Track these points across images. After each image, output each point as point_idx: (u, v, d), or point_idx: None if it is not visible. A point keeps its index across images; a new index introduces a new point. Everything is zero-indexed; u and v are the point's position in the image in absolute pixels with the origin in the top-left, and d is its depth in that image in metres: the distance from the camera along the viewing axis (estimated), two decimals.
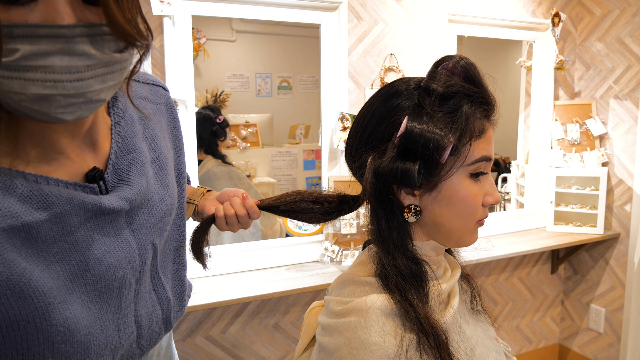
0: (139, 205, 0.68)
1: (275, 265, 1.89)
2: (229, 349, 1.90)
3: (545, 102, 2.48)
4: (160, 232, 0.73)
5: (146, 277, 0.72)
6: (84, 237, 0.59)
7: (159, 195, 0.72)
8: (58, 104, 0.50)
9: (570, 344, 2.67)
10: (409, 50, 2.07)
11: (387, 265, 0.62)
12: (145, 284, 0.72)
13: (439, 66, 0.61)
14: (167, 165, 0.76)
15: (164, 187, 0.74)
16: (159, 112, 0.79)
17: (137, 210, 0.67)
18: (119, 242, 0.64)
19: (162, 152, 0.75)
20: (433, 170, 0.61)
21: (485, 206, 0.65)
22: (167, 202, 0.74)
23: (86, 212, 0.59)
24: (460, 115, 0.59)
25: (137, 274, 0.68)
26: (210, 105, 2.67)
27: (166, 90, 0.84)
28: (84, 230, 0.59)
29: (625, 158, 2.35)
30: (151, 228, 0.70)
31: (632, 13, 2.26)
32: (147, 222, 0.69)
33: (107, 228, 0.63)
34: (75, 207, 0.58)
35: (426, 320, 0.58)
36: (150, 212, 0.70)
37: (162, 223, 0.73)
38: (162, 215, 0.72)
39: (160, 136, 0.77)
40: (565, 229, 2.41)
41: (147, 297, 0.73)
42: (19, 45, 0.46)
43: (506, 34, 2.34)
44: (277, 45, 3.53)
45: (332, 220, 0.74)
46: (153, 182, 0.71)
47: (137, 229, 0.67)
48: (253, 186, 2.56)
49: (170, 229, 0.78)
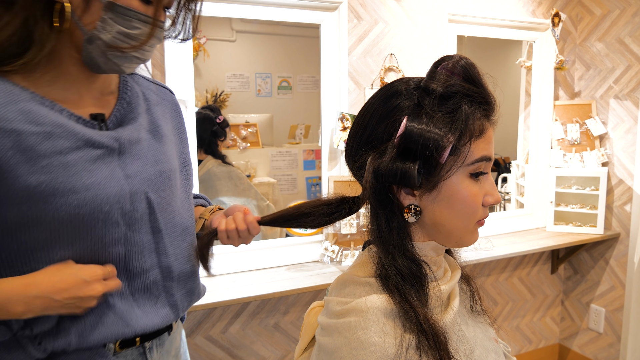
0: (132, 155, 0.78)
1: (275, 265, 1.89)
2: (229, 349, 1.90)
3: (545, 102, 2.48)
4: (156, 189, 0.81)
5: (143, 230, 0.79)
6: (74, 162, 0.70)
7: (154, 157, 0.82)
8: (130, 62, 0.74)
9: (570, 344, 2.67)
10: (409, 50, 2.07)
11: (387, 265, 0.62)
12: (143, 237, 0.79)
13: (438, 66, 0.61)
14: (165, 140, 0.86)
15: (160, 153, 0.84)
16: (162, 105, 0.90)
17: (130, 159, 0.78)
18: (111, 180, 0.73)
19: (161, 128, 0.86)
20: (433, 171, 0.61)
21: (485, 206, 0.65)
22: (164, 166, 0.83)
23: (77, 140, 0.70)
24: (459, 115, 0.59)
25: (127, 218, 0.76)
26: (210, 105, 2.67)
27: (172, 94, 0.97)
28: (75, 156, 0.70)
29: (625, 158, 2.35)
30: (145, 180, 0.79)
31: (632, 13, 2.26)
32: (141, 173, 0.79)
33: (100, 163, 0.73)
34: (64, 131, 0.69)
35: (426, 321, 0.58)
36: (144, 166, 0.79)
37: (157, 182, 0.81)
38: (158, 174, 0.82)
39: (162, 119, 0.88)
40: (565, 229, 2.41)
41: (147, 255, 0.80)
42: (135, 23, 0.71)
43: (506, 34, 2.34)
44: (277, 45, 3.54)
45: (334, 222, 0.73)
46: (148, 143, 0.82)
47: (131, 176, 0.77)
48: (253, 186, 2.56)
49: (180, 210, 0.88)
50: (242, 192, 2.47)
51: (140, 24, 0.71)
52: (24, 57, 0.67)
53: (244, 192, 2.48)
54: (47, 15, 0.67)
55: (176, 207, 0.87)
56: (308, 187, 3.15)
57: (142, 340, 0.82)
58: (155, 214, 0.81)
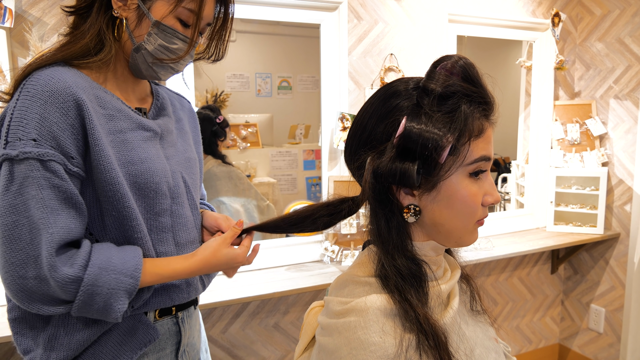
0: (168, 141, 0.94)
1: (275, 265, 1.89)
2: (229, 349, 1.90)
3: (545, 102, 2.48)
4: (188, 172, 0.97)
5: (185, 205, 0.94)
6: (131, 139, 0.85)
7: (182, 146, 0.98)
8: (166, 71, 0.91)
9: (570, 344, 2.67)
10: (409, 50, 2.07)
11: (386, 265, 0.62)
12: (185, 211, 0.94)
13: (437, 66, 0.61)
14: (187, 135, 1.03)
15: (186, 144, 1.00)
16: (182, 111, 1.06)
17: (167, 144, 0.94)
18: (158, 157, 0.88)
19: (184, 126, 1.03)
20: (432, 170, 0.60)
21: (484, 206, 0.65)
22: (190, 154, 1.00)
23: (132, 123, 0.86)
24: (458, 115, 0.59)
25: (171, 192, 0.90)
26: (210, 105, 2.67)
27: (189, 102, 1.13)
28: (132, 135, 0.85)
29: (625, 158, 2.35)
30: (179, 163, 0.95)
31: (632, 13, 2.26)
32: (175, 156, 0.94)
33: (149, 143, 0.88)
34: (123, 115, 0.85)
35: (426, 320, 0.58)
36: (177, 152, 0.95)
37: (187, 165, 0.97)
38: (186, 159, 0.98)
39: (184, 119, 1.05)
40: (565, 229, 2.41)
41: (190, 228, 0.95)
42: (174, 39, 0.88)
43: (506, 34, 2.34)
44: (277, 45, 3.54)
45: (335, 223, 0.73)
46: (177, 135, 0.98)
47: (169, 157, 0.93)
48: (253, 186, 2.56)
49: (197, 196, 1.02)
50: (242, 192, 2.48)
51: (179, 41, 0.87)
52: (99, 56, 0.84)
53: (244, 192, 2.48)
54: (111, 27, 0.87)
55: (198, 193, 1.02)
56: (308, 187, 3.16)
57: (176, 310, 0.94)
58: (191, 192, 0.97)
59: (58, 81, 0.76)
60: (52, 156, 0.74)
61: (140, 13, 0.85)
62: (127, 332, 0.86)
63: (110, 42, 0.85)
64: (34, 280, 0.74)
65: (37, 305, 0.75)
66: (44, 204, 0.73)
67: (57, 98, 0.75)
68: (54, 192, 0.74)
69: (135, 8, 0.85)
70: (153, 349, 0.90)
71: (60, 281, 0.73)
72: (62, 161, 0.75)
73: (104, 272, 0.76)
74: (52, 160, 0.74)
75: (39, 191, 0.73)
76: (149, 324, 0.88)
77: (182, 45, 0.88)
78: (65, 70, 0.79)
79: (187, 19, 0.86)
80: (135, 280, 0.79)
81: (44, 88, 0.75)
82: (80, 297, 0.75)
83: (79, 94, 0.78)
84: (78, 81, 0.79)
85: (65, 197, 0.76)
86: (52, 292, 0.75)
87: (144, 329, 0.87)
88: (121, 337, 0.85)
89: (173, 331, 0.94)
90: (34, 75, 0.77)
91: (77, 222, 0.78)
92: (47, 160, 0.74)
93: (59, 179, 0.75)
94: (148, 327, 0.87)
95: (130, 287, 0.78)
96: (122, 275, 0.77)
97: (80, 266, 0.75)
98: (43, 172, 0.74)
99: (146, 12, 0.85)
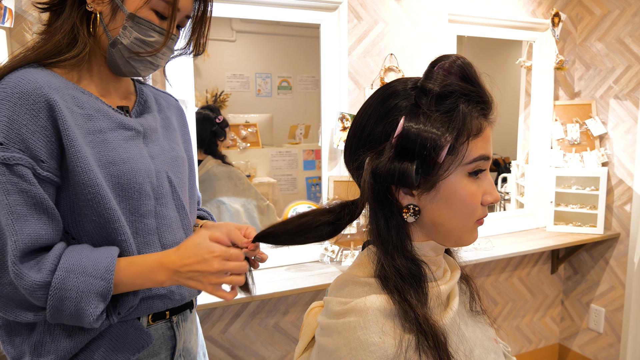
0: (152, 140, 0.91)
1: (275, 265, 1.89)
2: (229, 349, 1.90)
3: (545, 102, 2.48)
4: (174, 171, 0.93)
5: (169, 205, 0.90)
6: (112, 139, 0.82)
7: (168, 145, 0.95)
8: (145, 66, 0.88)
9: (570, 344, 2.67)
10: (409, 50, 2.07)
11: (386, 265, 0.62)
12: (170, 212, 0.90)
13: (435, 66, 0.61)
14: (174, 134, 0.99)
15: (173, 142, 0.97)
16: (169, 109, 1.03)
17: (152, 143, 0.90)
18: (140, 156, 0.85)
19: (171, 123, 1.00)
20: (431, 170, 0.60)
21: (484, 205, 0.65)
22: (177, 152, 0.96)
23: (112, 122, 0.83)
24: (457, 114, 0.59)
25: (155, 193, 0.87)
26: (210, 105, 2.67)
27: (176, 100, 1.09)
28: (112, 135, 0.82)
29: (625, 158, 2.35)
30: (164, 162, 0.91)
31: (632, 13, 2.26)
32: (160, 155, 0.91)
33: (131, 142, 0.85)
34: (102, 115, 0.83)
35: (425, 321, 0.58)
36: (162, 150, 0.92)
37: (174, 165, 0.94)
38: (173, 158, 0.94)
39: (171, 117, 1.01)
40: (565, 229, 2.41)
41: (175, 229, 0.91)
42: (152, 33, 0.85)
43: (506, 34, 2.34)
44: (277, 45, 3.53)
45: (339, 231, 0.71)
46: (162, 133, 0.95)
47: (154, 157, 0.89)
48: (253, 186, 2.56)
49: (186, 197, 0.97)
50: (242, 192, 2.48)
51: (155, 33, 0.85)
52: (72, 52, 0.82)
53: (243, 192, 2.48)
54: (85, 22, 0.84)
55: (186, 193, 0.98)
56: (308, 187, 3.16)
57: (171, 314, 0.92)
58: (177, 192, 0.93)
59: (28, 82, 0.74)
60: (20, 160, 0.72)
61: (114, 6, 0.82)
62: (119, 337, 0.83)
63: (84, 38, 0.83)
64: (8, 286, 0.72)
65: (16, 311, 0.74)
66: (9, 210, 0.71)
67: (27, 99, 0.73)
68: (21, 197, 0.72)
69: (109, 1, 0.82)
70: (147, 354, 0.88)
71: (28, 288, 0.71)
72: (31, 165, 0.73)
73: (72, 274, 0.73)
74: (19, 164, 0.72)
75: (4, 197, 0.71)
76: (142, 328, 0.85)
77: (159, 38, 0.85)
78: (38, 71, 0.77)
79: (163, 10, 0.84)
80: (107, 282, 0.74)
81: (13, 90, 0.73)
82: (50, 302, 0.72)
83: (51, 94, 0.75)
84: (51, 81, 0.77)
85: (35, 203, 0.73)
86: (26, 298, 0.73)
87: (136, 334, 0.84)
88: (113, 342, 0.83)
89: (167, 336, 0.92)
90: (5, 79, 0.75)
91: (49, 227, 0.74)
92: (14, 165, 0.71)
93: (27, 184, 0.72)
94: (141, 332, 0.85)
95: (102, 289, 0.74)
96: (91, 277, 0.73)
97: (48, 271, 0.72)
98: (9, 176, 0.71)
99: (120, 5, 0.82)
